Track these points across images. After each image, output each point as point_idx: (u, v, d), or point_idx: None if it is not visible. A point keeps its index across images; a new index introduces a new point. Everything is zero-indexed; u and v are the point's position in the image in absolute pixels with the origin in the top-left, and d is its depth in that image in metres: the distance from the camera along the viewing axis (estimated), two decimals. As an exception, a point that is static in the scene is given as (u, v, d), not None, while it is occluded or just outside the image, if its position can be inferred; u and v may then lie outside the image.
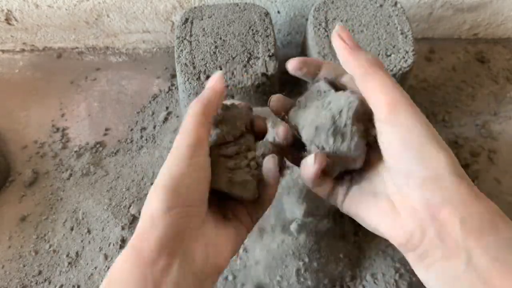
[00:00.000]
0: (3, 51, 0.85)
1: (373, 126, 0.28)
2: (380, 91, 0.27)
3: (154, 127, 0.71)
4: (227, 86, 0.39)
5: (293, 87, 0.73)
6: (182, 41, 0.62)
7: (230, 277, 0.51)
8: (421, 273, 0.27)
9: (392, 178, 0.28)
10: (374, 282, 0.50)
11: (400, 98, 0.27)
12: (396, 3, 0.64)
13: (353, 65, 0.29)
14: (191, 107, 0.32)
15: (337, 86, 0.31)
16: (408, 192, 0.26)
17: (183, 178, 0.28)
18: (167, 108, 0.74)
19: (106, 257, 0.57)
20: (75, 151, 0.69)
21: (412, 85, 0.76)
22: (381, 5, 0.64)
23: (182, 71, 0.59)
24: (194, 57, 0.60)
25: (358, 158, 0.28)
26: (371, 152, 0.29)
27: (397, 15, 0.63)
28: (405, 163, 0.26)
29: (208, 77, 0.58)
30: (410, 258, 0.27)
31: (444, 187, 0.25)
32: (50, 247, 0.59)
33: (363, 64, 0.28)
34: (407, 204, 0.26)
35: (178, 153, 0.29)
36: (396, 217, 0.27)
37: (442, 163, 0.25)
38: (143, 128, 0.72)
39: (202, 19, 0.64)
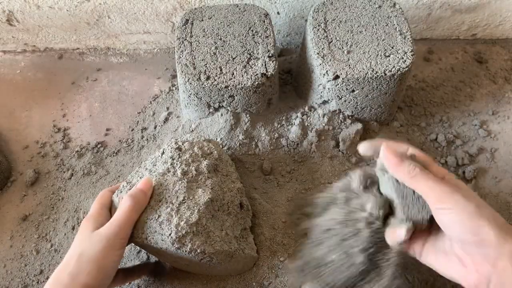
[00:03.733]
0: (4, 51, 0.85)
1: None
2: (426, 191, 0.35)
3: (155, 127, 0.72)
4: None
5: (291, 88, 0.73)
6: (183, 42, 0.62)
7: None
8: None
9: (452, 241, 0.36)
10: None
11: (445, 191, 0.34)
12: (394, 4, 0.65)
13: (401, 174, 0.37)
14: (123, 203, 0.43)
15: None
16: (468, 251, 0.34)
17: (109, 265, 0.41)
18: (167, 108, 0.74)
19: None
20: (76, 151, 0.69)
21: (411, 85, 0.77)
22: (380, 6, 0.65)
23: (182, 71, 0.59)
24: (195, 58, 0.60)
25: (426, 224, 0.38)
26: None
27: (395, 16, 0.63)
28: (458, 234, 0.34)
29: (208, 77, 0.58)
30: None
31: (493, 246, 0.32)
32: (51, 247, 0.59)
33: (407, 171, 0.37)
34: (470, 261, 0.34)
35: (110, 243, 0.41)
36: (465, 269, 0.34)
37: (486, 229, 0.33)
38: (144, 128, 0.72)
39: (202, 20, 0.65)
